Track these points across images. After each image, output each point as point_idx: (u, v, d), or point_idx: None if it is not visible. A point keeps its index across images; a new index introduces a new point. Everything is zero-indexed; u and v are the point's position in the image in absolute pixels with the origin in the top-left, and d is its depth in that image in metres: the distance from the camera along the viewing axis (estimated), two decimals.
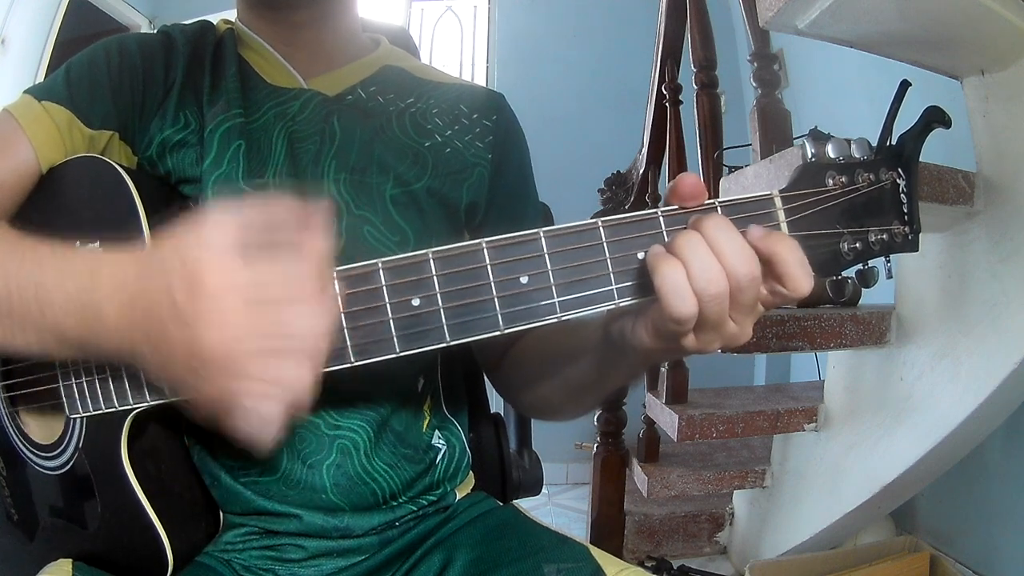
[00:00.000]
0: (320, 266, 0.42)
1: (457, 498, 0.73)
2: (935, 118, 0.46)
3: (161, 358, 0.42)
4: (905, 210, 0.47)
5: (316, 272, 0.41)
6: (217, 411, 0.42)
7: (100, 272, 0.44)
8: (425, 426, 0.70)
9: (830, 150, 0.46)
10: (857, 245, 0.46)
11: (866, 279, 0.47)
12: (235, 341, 0.39)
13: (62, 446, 0.59)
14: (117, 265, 0.44)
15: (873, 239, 0.47)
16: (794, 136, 1.57)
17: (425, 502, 0.69)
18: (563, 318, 0.45)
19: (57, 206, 0.61)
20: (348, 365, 0.45)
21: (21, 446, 0.63)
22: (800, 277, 0.43)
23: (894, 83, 0.48)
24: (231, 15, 0.74)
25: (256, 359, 0.40)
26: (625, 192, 2.32)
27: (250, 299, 0.40)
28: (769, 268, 0.43)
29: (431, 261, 0.44)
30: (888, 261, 0.48)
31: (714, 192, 1.50)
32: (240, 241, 0.40)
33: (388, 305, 0.44)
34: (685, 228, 0.43)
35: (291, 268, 0.41)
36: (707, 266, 0.42)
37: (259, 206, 0.42)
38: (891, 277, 0.48)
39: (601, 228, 0.44)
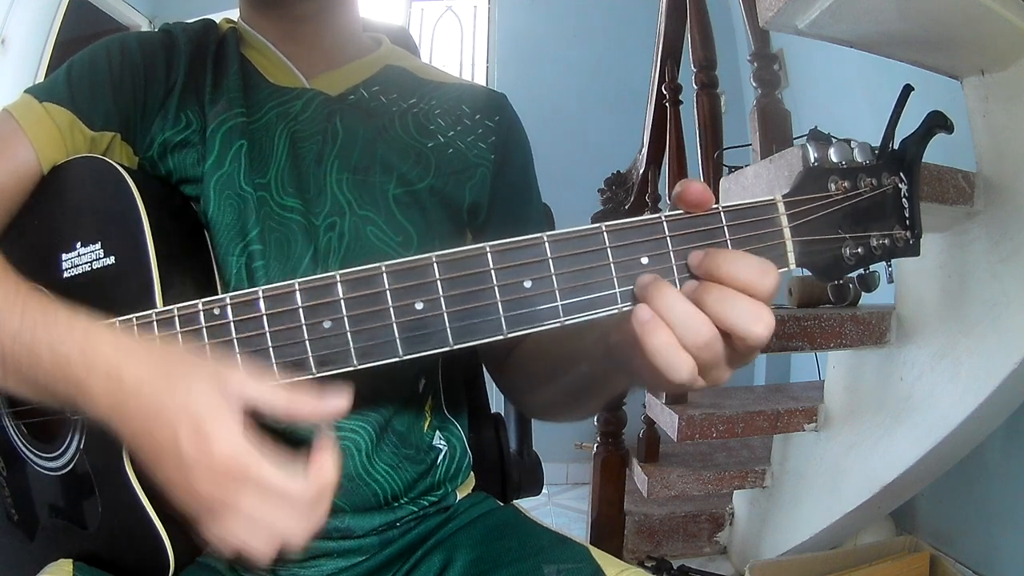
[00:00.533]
0: (320, 488, 0.45)
1: (458, 499, 0.73)
2: (937, 123, 0.46)
3: (148, 457, 0.45)
4: (907, 215, 0.47)
5: (315, 492, 0.44)
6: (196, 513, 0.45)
7: (93, 356, 0.46)
8: (426, 427, 0.70)
9: (833, 154, 0.46)
10: (859, 250, 0.46)
11: (867, 283, 0.47)
12: (222, 504, 0.43)
13: (63, 447, 0.59)
14: (113, 358, 0.45)
15: (875, 244, 0.47)
16: (794, 136, 1.57)
17: (426, 503, 0.69)
18: (566, 322, 0.45)
19: (59, 206, 0.61)
20: (351, 368, 0.45)
21: (22, 446, 0.63)
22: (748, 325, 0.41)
23: (894, 83, 0.48)
24: (232, 14, 0.74)
25: (238, 521, 0.43)
26: (625, 192, 2.32)
27: (249, 486, 0.43)
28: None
29: (435, 265, 0.44)
30: (889, 265, 0.48)
31: (714, 192, 1.50)
32: (253, 404, 0.44)
33: (391, 309, 0.44)
34: (655, 282, 0.43)
35: (294, 485, 0.43)
36: (689, 319, 0.41)
37: (279, 388, 0.45)
38: (892, 281, 0.48)
39: (605, 233, 0.44)
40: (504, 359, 0.72)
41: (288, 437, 0.60)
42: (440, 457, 0.71)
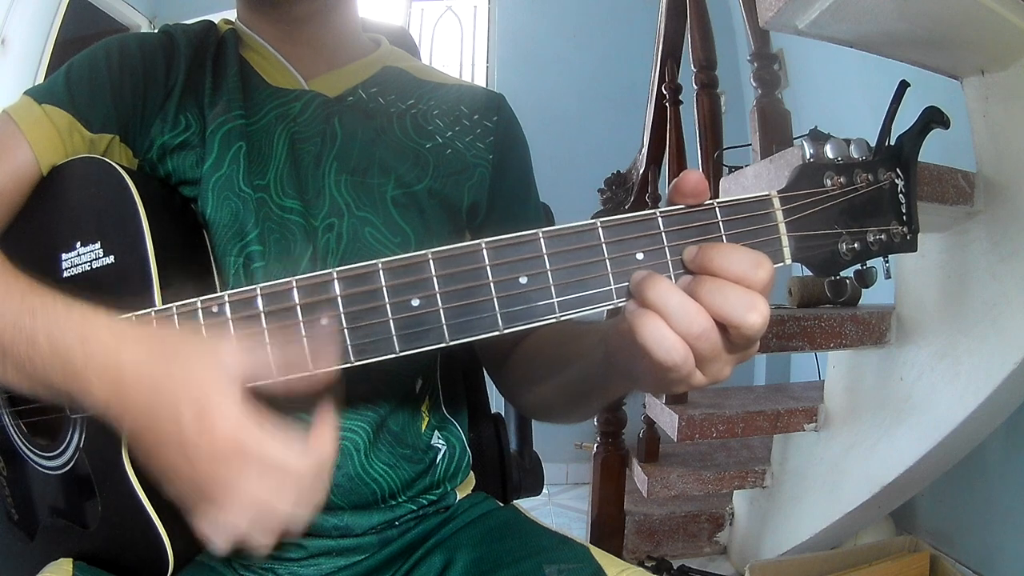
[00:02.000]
0: (320, 465, 0.45)
1: (458, 498, 0.73)
2: (934, 118, 0.46)
3: (148, 447, 0.45)
4: (904, 210, 0.47)
5: (315, 470, 0.44)
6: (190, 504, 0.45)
7: (92, 344, 0.45)
8: (424, 426, 0.70)
9: (828, 150, 0.46)
10: (856, 245, 0.46)
11: (865, 279, 0.47)
12: (223, 491, 0.43)
13: (63, 446, 0.59)
14: (111, 345, 0.45)
15: (872, 239, 0.47)
16: (794, 136, 1.57)
17: (425, 502, 0.69)
18: (562, 318, 0.45)
19: (59, 206, 0.61)
20: (348, 365, 0.45)
21: (22, 445, 0.63)
22: (741, 316, 0.41)
23: (894, 83, 0.48)
24: (231, 15, 0.74)
25: (238, 512, 0.43)
26: (625, 192, 2.32)
27: (251, 466, 0.42)
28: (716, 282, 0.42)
29: (430, 261, 0.44)
30: (887, 261, 0.48)
31: (714, 192, 1.50)
32: (253, 379, 0.44)
33: (388, 305, 0.44)
34: (648, 275, 0.43)
35: (294, 461, 0.43)
36: (684, 308, 0.41)
37: (275, 366, 0.45)
38: (889, 277, 0.48)
39: (600, 229, 0.44)
40: (503, 359, 0.72)
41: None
42: (439, 456, 0.71)
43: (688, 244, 0.44)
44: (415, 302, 0.44)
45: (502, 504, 0.75)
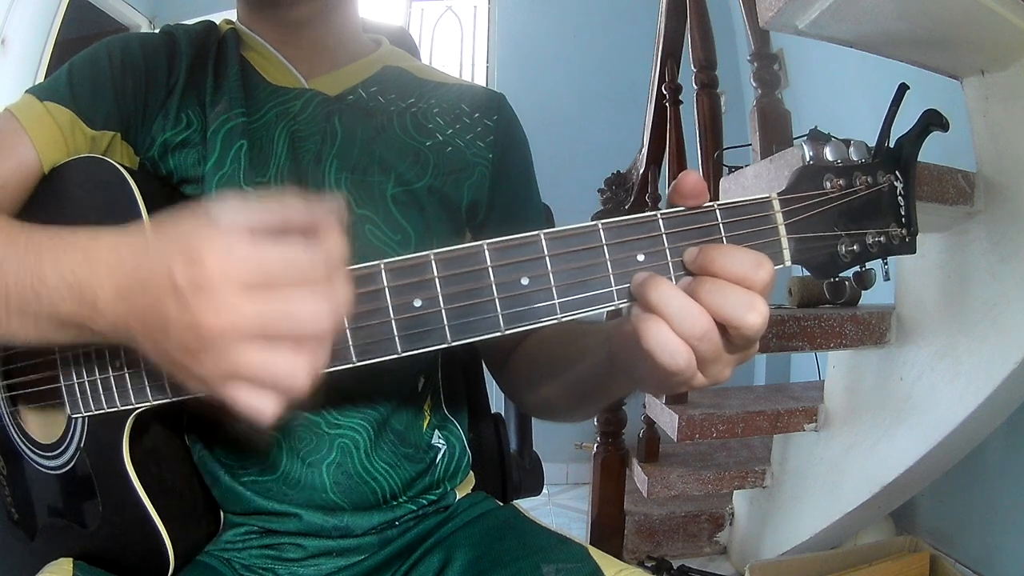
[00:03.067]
0: (329, 255, 0.40)
1: (457, 498, 0.73)
2: (933, 121, 0.47)
3: (157, 338, 0.40)
4: (903, 212, 0.47)
5: (324, 260, 0.39)
6: (213, 393, 0.41)
7: (95, 252, 0.43)
8: (425, 425, 0.71)
9: (828, 153, 0.46)
10: (855, 247, 0.47)
11: (864, 281, 0.47)
12: (232, 326, 0.37)
13: (63, 445, 0.59)
14: (113, 244, 0.43)
15: (871, 241, 0.47)
16: (794, 136, 1.57)
17: (425, 502, 0.69)
18: (563, 319, 0.45)
19: (59, 206, 0.61)
20: (350, 365, 0.45)
21: (22, 445, 0.63)
22: (746, 269, 0.41)
23: (894, 83, 0.48)
24: (232, 15, 0.74)
25: (252, 347, 0.38)
26: (625, 192, 2.32)
27: (252, 282, 0.38)
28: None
29: (433, 262, 0.44)
30: (885, 263, 0.48)
31: (714, 192, 1.50)
32: (249, 226, 0.39)
33: (390, 306, 0.44)
34: (649, 278, 0.43)
35: (298, 254, 0.39)
36: (685, 311, 0.41)
37: (270, 199, 0.41)
38: (888, 279, 0.48)
39: (601, 230, 0.44)
40: (505, 358, 0.72)
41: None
42: (439, 456, 0.71)
43: (689, 246, 0.44)
44: (417, 303, 0.44)
45: (501, 504, 0.75)
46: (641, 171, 2.17)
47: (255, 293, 0.38)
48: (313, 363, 0.39)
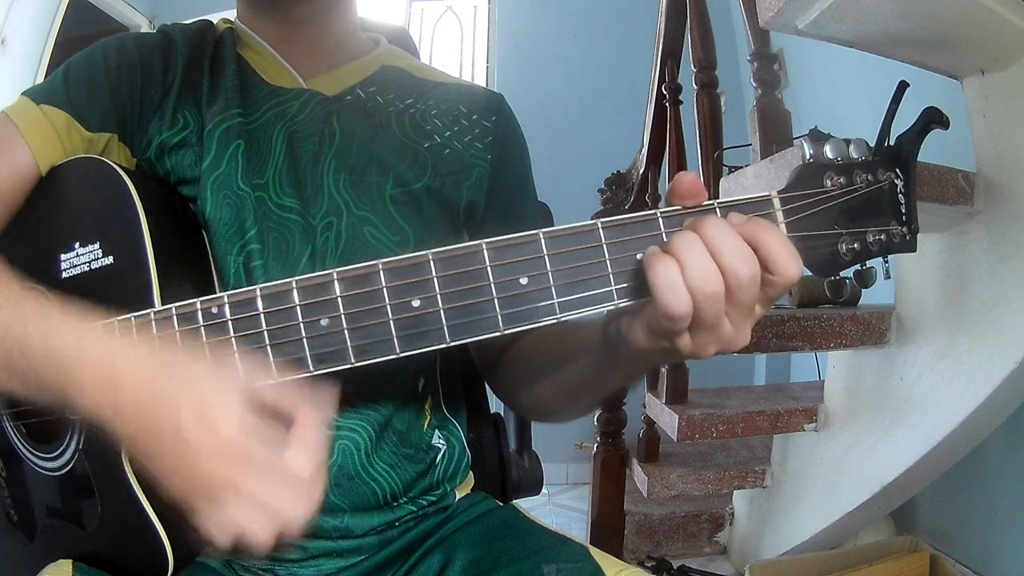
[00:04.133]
0: (318, 461, 0.44)
1: (457, 498, 0.73)
2: (933, 118, 0.46)
3: (146, 448, 0.45)
4: (903, 210, 0.47)
5: (313, 463, 0.44)
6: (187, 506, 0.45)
7: (85, 345, 0.45)
8: (426, 426, 0.71)
9: (828, 151, 0.46)
10: (855, 246, 0.46)
11: (864, 279, 0.47)
12: (224, 490, 0.42)
13: (62, 447, 0.59)
14: (108, 351, 0.45)
15: (871, 239, 0.47)
16: (794, 136, 1.57)
17: (425, 502, 0.69)
18: (563, 319, 0.45)
19: (57, 207, 0.61)
20: (348, 366, 0.45)
21: (21, 447, 0.63)
22: (787, 259, 0.42)
23: (894, 83, 0.48)
24: (231, 15, 0.74)
25: (240, 502, 0.43)
26: (625, 192, 2.32)
27: (255, 468, 0.43)
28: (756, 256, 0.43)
29: (431, 262, 0.44)
30: (886, 261, 0.48)
31: (714, 192, 1.50)
32: (250, 399, 0.44)
33: (388, 306, 0.44)
34: (682, 229, 0.43)
35: (296, 458, 0.43)
36: (703, 265, 0.41)
37: (272, 386, 0.45)
38: (889, 277, 0.48)
39: (601, 229, 0.44)
40: (498, 358, 0.72)
41: None
42: (439, 456, 0.71)
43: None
44: (416, 303, 0.44)
45: (501, 504, 0.75)
46: (641, 171, 2.17)
47: (252, 476, 0.43)
48: (275, 537, 0.44)
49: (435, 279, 0.44)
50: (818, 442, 1.63)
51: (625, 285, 0.44)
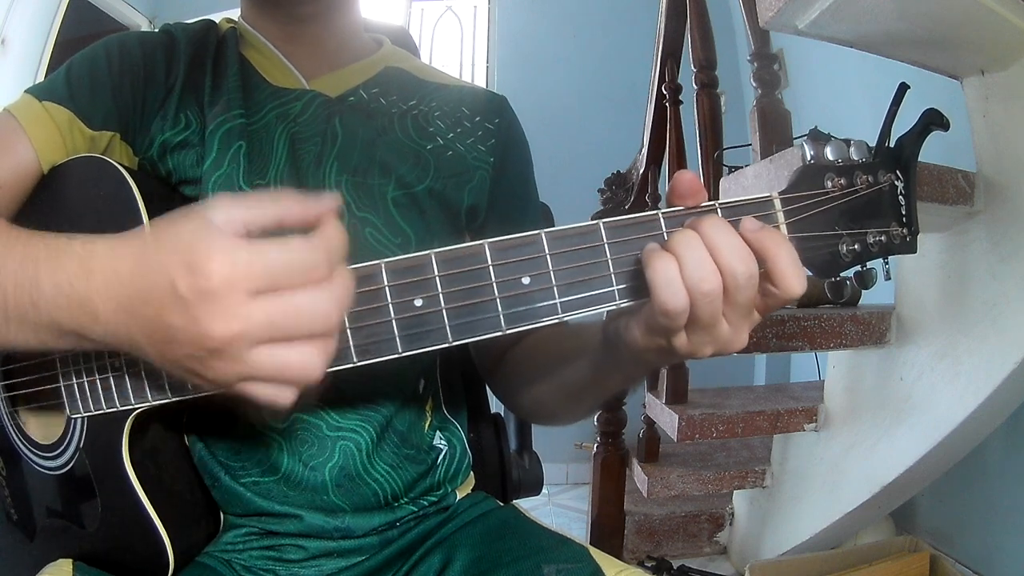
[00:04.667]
0: (329, 249, 0.40)
1: (457, 498, 0.73)
2: (933, 120, 0.47)
3: (163, 348, 0.40)
4: (903, 212, 0.47)
5: (325, 255, 0.39)
6: (228, 392, 0.41)
7: (91, 262, 0.42)
8: (427, 426, 0.71)
9: (829, 152, 0.46)
10: (856, 247, 0.47)
11: (864, 280, 0.47)
12: (242, 333, 0.38)
13: (63, 446, 0.59)
14: (109, 253, 0.42)
15: (871, 241, 0.47)
16: (794, 136, 1.57)
17: (426, 503, 0.69)
18: (564, 318, 0.45)
19: (59, 206, 0.61)
20: (351, 365, 0.45)
21: (21, 446, 0.63)
22: (792, 277, 0.43)
23: (894, 83, 0.48)
24: (233, 14, 0.74)
25: (264, 349, 0.39)
26: (625, 192, 2.32)
27: (257, 287, 0.38)
28: (761, 266, 0.43)
29: (433, 262, 0.44)
30: (886, 263, 0.48)
31: (714, 192, 1.50)
32: (245, 226, 0.39)
33: (391, 305, 0.44)
34: (683, 228, 0.43)
35: (299, 253, 0.39)
36: (701, 263, 0.41)
37: (265, 197, 0.41)
38: (889, 279, 0.48)
39: (602, 229, 0.44)
40: (498, 359, 0.72)
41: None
42: (440, 457, 0.71)
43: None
44: (418, 302, 0.44)
45: (502, 504, 0.75)
46: (641, 171, 2.17)
47: (261, 297, 0.38)
48: (325, 354, 0.40)
49: (437, 278, 0.44)
50: (818, 442, 1.63)
51: (626, 285, 0.44)
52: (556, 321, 0.45)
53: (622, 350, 0.49)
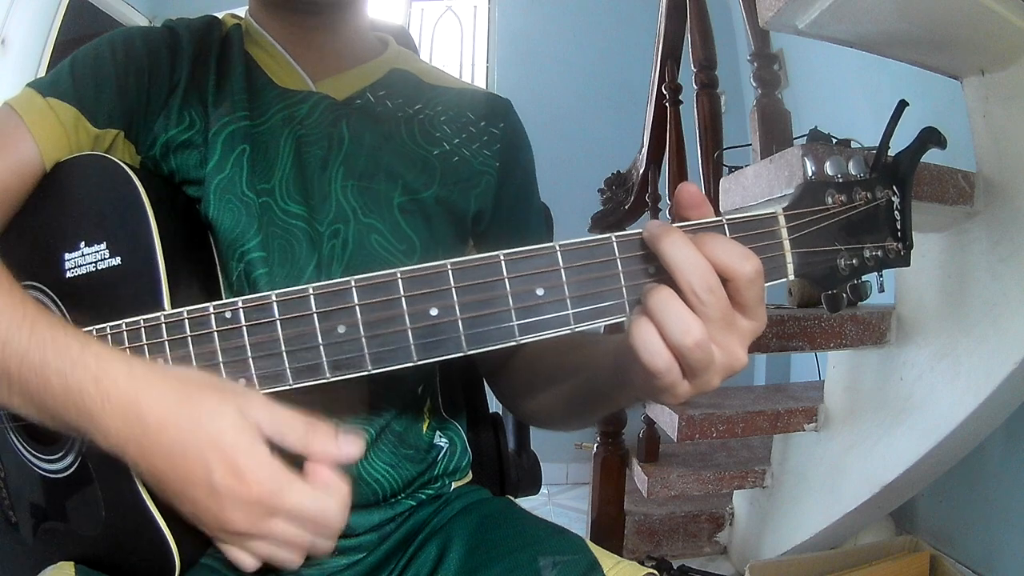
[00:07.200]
0: (346, 506, 0.47)
1: (452, 487, 0.73)
2: (931, 139, 0.47)
3: (173, 492, 0.46)
4: (898, 227, 0.48)
5: (342, 511, 0.47)
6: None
7: (104, 384, 0.45)
8: (425, 428, 0.71)
9: (828, 168, 0.47)
10: (854, 261, 0.48)
11: (859, 293, 0.49)
12: (255, 533, 0.45)
13: (64, 449, 0.59)
14: (131, 386, 0.45)
15: (868, 255, 0.48)
16: (794, 136, 1.57)
17: (423, 496, 0.70)
18: (576, 329, 0.46)
19: (63, 205, 0.60)
20: (365, 373, 0.46)
21: (22, 449, 0.63)
22: (735, 260, 0.42)
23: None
24: (235, 12, 0.73)
25: (268, 543, 0.46)
26: (625, 192, 2.32)
27: (284, 515, 0.45)
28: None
29: (450, 272, 0.45)
30: (880, 276, 0.49)
31: (714, 192, 1.50)
32: (273, 437, 0.45)
33: (407, 314, 0.45)
34: (655, 284, 0.43)
35: (328, 510, 0.46)
36: (679, 318, 0.42)
37: (300, 422, 0.46)
38: (883, 291, 0.49)
39: (614, 243, 0.45)
40: (502, 366, 0.72)
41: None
42: (441, 454, 0.71)
43: None
44: (434, 311, 0.45)
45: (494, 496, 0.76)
46: (641, 171, 2.17)
47: (281, 520, 0.45)
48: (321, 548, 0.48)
49: (453, 289, 0.45)
50: (818, 442, 1.63)
51: (637, 298, 0.45)
52: (568, 332, 0.46)
53: (629, 388, 0.49)
